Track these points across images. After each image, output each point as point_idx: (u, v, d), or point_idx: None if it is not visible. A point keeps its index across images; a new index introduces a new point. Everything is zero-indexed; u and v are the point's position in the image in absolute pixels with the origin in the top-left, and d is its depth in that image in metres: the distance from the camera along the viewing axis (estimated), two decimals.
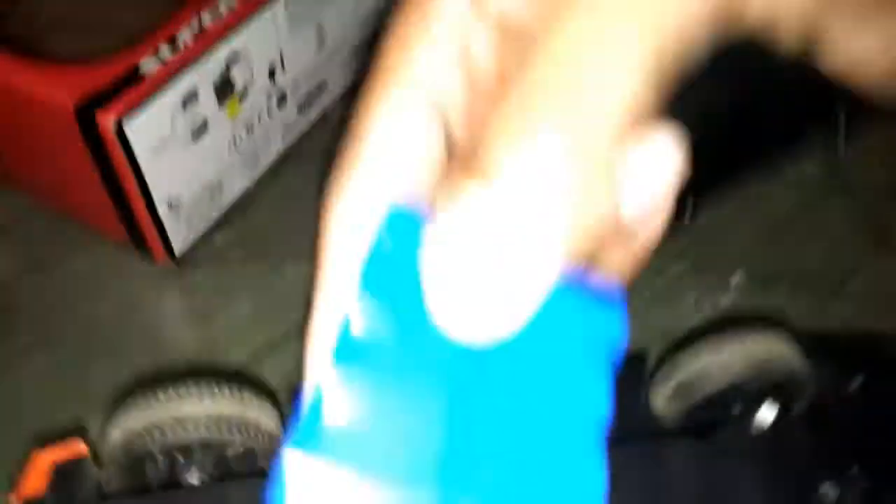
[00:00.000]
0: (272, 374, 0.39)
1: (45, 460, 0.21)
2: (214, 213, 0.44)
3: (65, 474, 0.20)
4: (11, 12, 0.43)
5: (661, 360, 0.22)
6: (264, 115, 0.44)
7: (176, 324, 0.42)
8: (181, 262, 0.43)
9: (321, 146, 0.49)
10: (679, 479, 0.19)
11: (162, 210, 0.40)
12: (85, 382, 0.39)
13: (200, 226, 0.44)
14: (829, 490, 0.18)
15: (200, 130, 0.40)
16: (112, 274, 0.43)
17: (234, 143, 0.43)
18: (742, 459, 0.19)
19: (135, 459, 0.20)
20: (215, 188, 0.43)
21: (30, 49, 0.39)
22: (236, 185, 0.45)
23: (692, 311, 0.43)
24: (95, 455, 0.22)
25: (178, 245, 0.42)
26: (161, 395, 0.20)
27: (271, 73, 0.43)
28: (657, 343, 0.37)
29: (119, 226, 0.41)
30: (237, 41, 0.40)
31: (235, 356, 0.40)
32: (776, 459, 0.19)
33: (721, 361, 0.21)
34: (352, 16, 0.48)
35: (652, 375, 0.22)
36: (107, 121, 0.35)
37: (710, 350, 0.21)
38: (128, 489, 0.20)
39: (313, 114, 0.49)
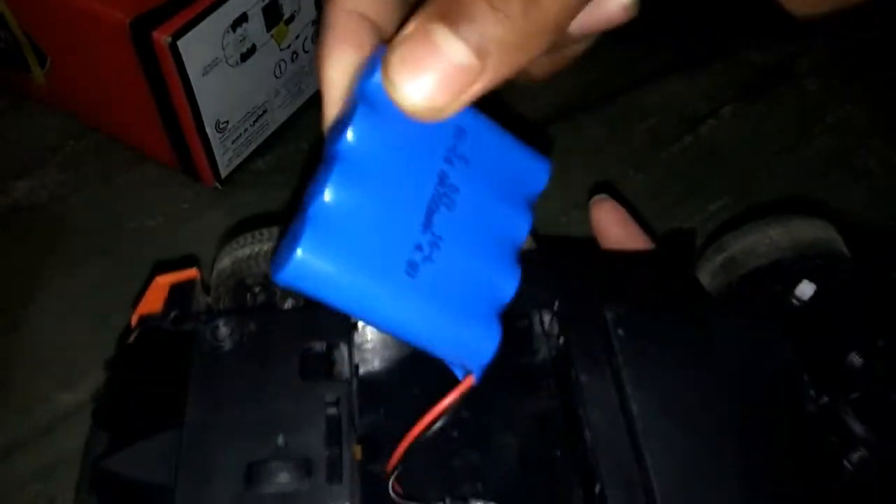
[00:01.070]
0: None
1: (164, 282, 0.23)
2: (258, 139, 0.45)
3: (179, 294, 0.22)
4: None
5: (710, 239, 0.23)
6: (309, 45, 0.45)
7: (218, 238, 0.43)
8: (225, 184, 0.44)
9: None
10: (718, 341, 0.20)
11: (210, 131, 0.41)
12: (131, 293, 0.40)
13: (244, 149, 0.45)
14: (855, 359, 0.20)
15: (248, 53, 0.41)
16: (159, 193, 0.44)
17: (280, 70, 0.44)
18: (777, 327, 0.21)
19: (237, 286, 0.22)
20: (260, 114, 0.44)
21: None
22: (280, 113, 0.46)
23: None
24: (204, 283, 0.23)
25: (224, 167, 0.44)
26: (263, 233, 0.21)
27: (317, 3, 0.44)
28: None
29: (166, 147, 0.43)
30: None
31: None
32: (809, 329, 0.21)
33: (768, 240, 0.22)
34: None
35: (700, 253, 0.23)
36: (162, 38, 0.36)
37: (758, 230, 0.22)
38: (230, 309, 0.22)
39: None
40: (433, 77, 0.17)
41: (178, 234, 0.43)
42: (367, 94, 0.18)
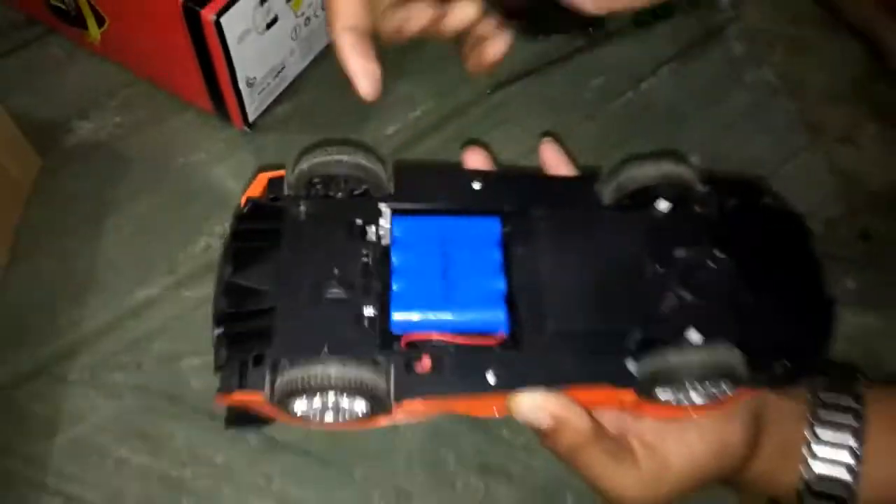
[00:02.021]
0: None
1: (264, 177, 0.35)
2: (277, 90, 0.55)
3: (274, 184, 0.35)
4: None
5: (610, 171, 0.35)
6: (318, 9, 0.55)
7: (248, 175, 0.54)
8: (252, 128, 0.55)
9: None
10: (603, 232, 0.34)
11: (242, 86, 0.51)
12: (185, 213, 0.51)
13: (267, 99, 0.55)
14: (682, 253, 0.32)
15: (272, 23, 0.51)
16: (200, 134, 0.55)
17: (295, 33, 0.54)
18: (641, 227, 0.34)
19: (309, 181, 0.34)
20: (280, 69, 0.54)
21: None
22: (294, 68, 0.56)
23: None
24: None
25: (252, 114, 0.54)
26: (327, 149, 0.34)
27: None
28: None
29: (205, 97, 0.53)
30: None
31: None
32: (658, 231, 0.33)
33: (643, 172, 0.34)
34: None
35: (604, 179, 0.35)
36: (208, 16, 0.46)
37: (638, 165, 0.34)
38: (305, 195, 0.35)
39: None
40: None
41: (217, 166, 0.54)
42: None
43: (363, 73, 0.33)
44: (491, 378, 0.31)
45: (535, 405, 0.31)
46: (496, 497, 0.43)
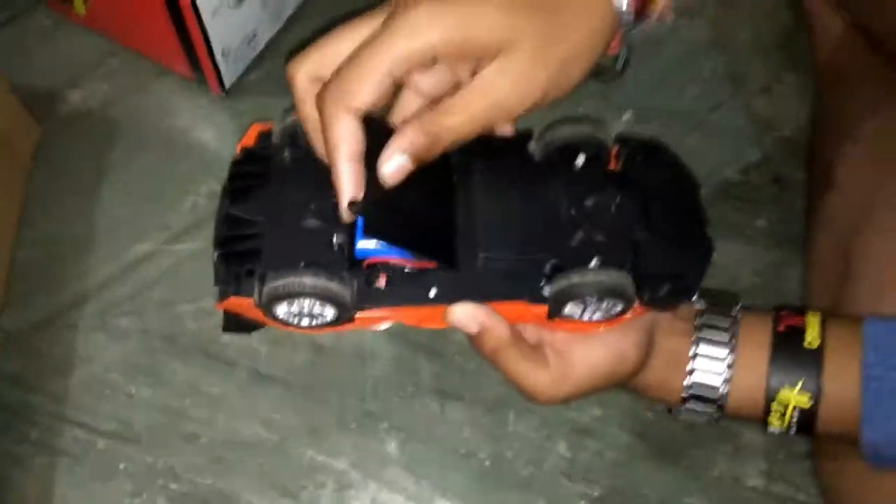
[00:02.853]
0: None
1: (255, 127, 0.41)
2: (250, 57, 0.61)
3: (263, 135, 0.41)
4: None
5: (539, 132, 0.42)
6: None
7: (229, 137, 0.60)
8: (229, 93, 0.60)
9: (324, 3, 0.64)
10: (530, 181, 0.40)
11: (217, 56, 0.56)
12: (175, 173, 0.58)
13: (241, 66, 0.60)
14: (592, 199, 0.39)
15: None
16: (181, 100, 0.60)
17: (264, 4, 0.59)
18: (562, 178, 0.40)
19: (293, 133, 0.40)
20: (251, 38, 0.59)
21: None
22: (265, 35, 0.61)
23: None
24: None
25: (228, 80, 0.59)
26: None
27: None
28: None
29: (185, 65, 0.58)
30: None
31: None
32: (574, 181, 0.40)
33: (563, 131, 0.41)
34: None
35: (535, 139, 0.42)
36: None
37: (560, 127, 0.41)
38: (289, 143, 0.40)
39: None
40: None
41: (198, 129, 0.60)
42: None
43: (352, 198, 0.35)
44: (432, 293, 0.38)
45: (465, 314, 0.37)
46: (450, 415, 0.51)
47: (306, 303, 0.37)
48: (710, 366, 0.42)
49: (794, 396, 0.41)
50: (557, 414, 0.51)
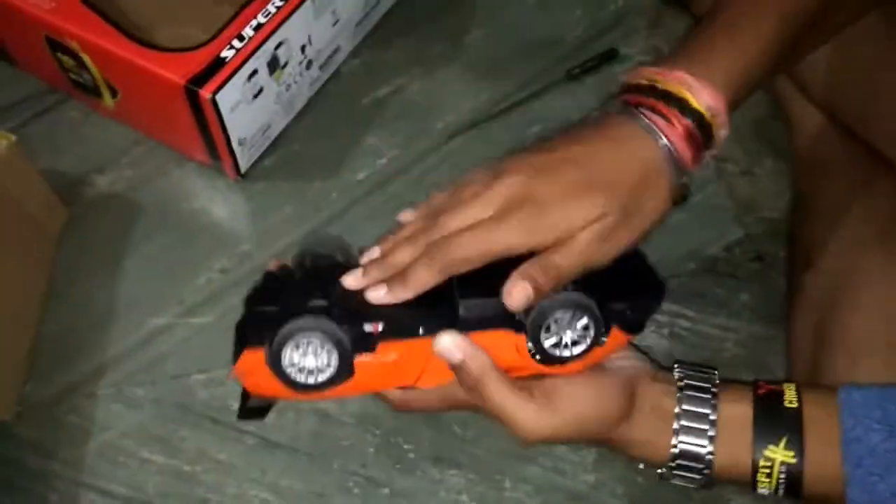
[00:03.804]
0: None
1: (276, 262, 0.47)
2: (264, 145, 0.66)
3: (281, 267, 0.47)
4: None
5: None
6: (297, 76, 0.65)
7: (242, 218, 0.64)
8: (244, 177, 0.65)
9: (335, 94, 0.69)
10: None
11: (235, 145, 0.61)
12: (192, 252, 0.62)
13: (256, 153, 0.65)
14: None
15: (258, 93, 0.61)
16: (200, 184, 0.65)
17: (279, 98, 0.64)
18: None
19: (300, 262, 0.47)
20: (266, 128, 0.64)
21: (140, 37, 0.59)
22: (279, 125, 0.66)
23: None
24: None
25: (243, 166, 0.64)
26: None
27: (302, 49, 0.64)
28: None
29: (204, 153, 0.63)
30: (282, 31, 0.60)
31: (285, 240, 0.62)
32: None
33: None
34: None
35: None
36: (206, 95, 0.56)
37: None
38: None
39: (330, 70, 0.69)
40: None
41: (215, 211, 0.64)
42: None
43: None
44: (421, 331, 0.42)
45: (451, 342, 0.41)
46: (448, 482, 0.54)
47: (311, 349, 0.40)
48: (696, 422, 0.43)
49: (781, 452, 0.42)
50: (552, 481, 0.54)
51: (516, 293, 0.40)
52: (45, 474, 0.53)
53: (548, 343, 0.42)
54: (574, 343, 0.42)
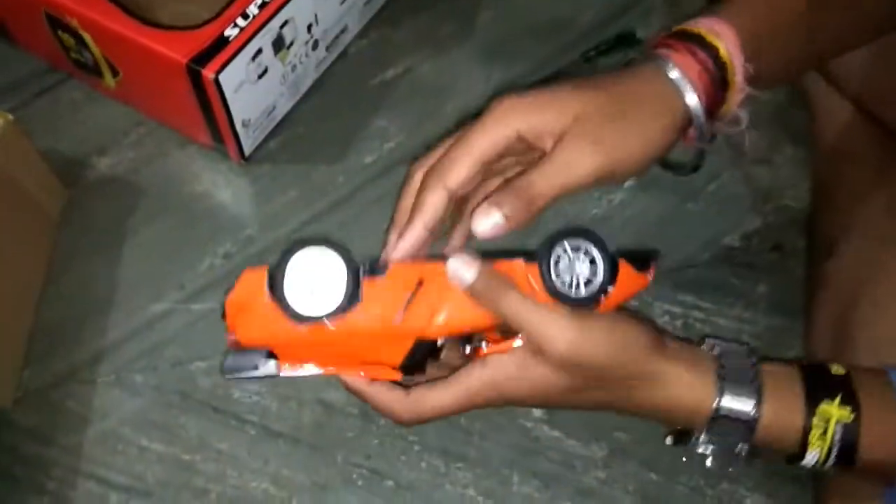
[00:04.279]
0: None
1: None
2: (269, 127, 0.64)
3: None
4: None
5: None
6: (303, 57, 0.63)
7: (246, 201, 0.63)
8: (248, 160, 0.63)
9: (342, 75, 0.68)
10: None
11: (238, 127, 0.60)
12: (193, 237, 0.60)
13: (260, 136, 0.63)
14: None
15: (263, 73, 0.59)
16: (203, 167, 0.63)
17: (284, 79, 0.62)
18: None
19: None
20: (271, 110, 0.63)
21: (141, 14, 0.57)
22: (284, 107, 0.64)
23: (596, 206, 0.63)
24: None
25: (247, 149, 0.62)
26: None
27: (309, 28, 0.62)
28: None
29: (207, 135, 0.61)
30: (287, 10, 0.58)
31: (289, 225, 0.61)
32: None
33: None
34: None
35: None
36: (209, 75, 0.54)
37: None
38: None
39: (337, 51, 0.68)
40: None
41: (218, 195, 0.62)
42: None
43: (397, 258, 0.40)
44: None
45: (459, 260, 0.38)
46: (454, 475, 0.52)
47: (318, 273, 0.38)
48: (739, 378, 0.39)
49: (836, 409, 0.38)
50: (561, 475, 0.52)
51: (483, 221, 0.38)
52: (42, 462, 0.52)
53: (558, 280, 0.38)
54: (587, 282, 0.39)
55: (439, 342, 0.41)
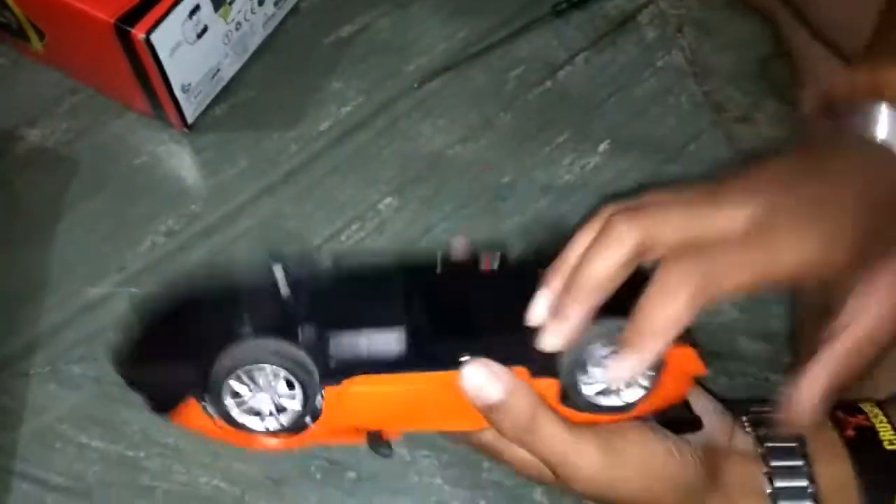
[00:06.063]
0: (268, 212, 0.55)
1: None
2: (214, 91, 0.59)
3: None
4: None
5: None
6: (248, 13, 0.58)
7: (191, 174, 0.58)
8: (192, 129, 0.58)
9: (294, 33, 0.63)
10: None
11: (178, 92, 0.55)
12: (133, 213, 0.56)
13: (204, 101, 0.58)
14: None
15: (202, 32, 0.54)
16: (142, 137, 0.58)
17: (227, 38, 0.57)
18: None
19: None
20: (214, 72, 0.58)
21: None
22: (229, 70, 0.59)
23: (568, 171, 0.59)
24: None
25: (189, 116, 0.57)
26: None
27: None
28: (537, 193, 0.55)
29: (145, 103, 0.56)
30: None
31: (238, 199, 0.56)
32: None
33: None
34: None
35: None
36: (139, 35, 0.49)
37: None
38: None
39: (287, 7, 0.62)
40: None
41: (160, 167, 0.58)
42: None
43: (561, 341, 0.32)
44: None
45: (484, 372, 0.31)
46: (421, 463, 0.49)
47: (262, 380, 0.33)
48: (795, 500, 0.36)
49: None
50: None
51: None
52: None
53: (588, 389, 0.32)
54: (627, 385, 0.33)
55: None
